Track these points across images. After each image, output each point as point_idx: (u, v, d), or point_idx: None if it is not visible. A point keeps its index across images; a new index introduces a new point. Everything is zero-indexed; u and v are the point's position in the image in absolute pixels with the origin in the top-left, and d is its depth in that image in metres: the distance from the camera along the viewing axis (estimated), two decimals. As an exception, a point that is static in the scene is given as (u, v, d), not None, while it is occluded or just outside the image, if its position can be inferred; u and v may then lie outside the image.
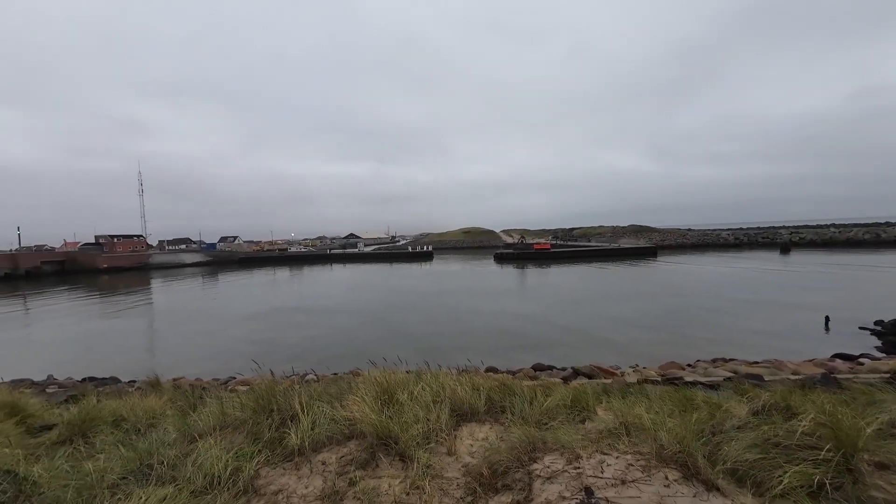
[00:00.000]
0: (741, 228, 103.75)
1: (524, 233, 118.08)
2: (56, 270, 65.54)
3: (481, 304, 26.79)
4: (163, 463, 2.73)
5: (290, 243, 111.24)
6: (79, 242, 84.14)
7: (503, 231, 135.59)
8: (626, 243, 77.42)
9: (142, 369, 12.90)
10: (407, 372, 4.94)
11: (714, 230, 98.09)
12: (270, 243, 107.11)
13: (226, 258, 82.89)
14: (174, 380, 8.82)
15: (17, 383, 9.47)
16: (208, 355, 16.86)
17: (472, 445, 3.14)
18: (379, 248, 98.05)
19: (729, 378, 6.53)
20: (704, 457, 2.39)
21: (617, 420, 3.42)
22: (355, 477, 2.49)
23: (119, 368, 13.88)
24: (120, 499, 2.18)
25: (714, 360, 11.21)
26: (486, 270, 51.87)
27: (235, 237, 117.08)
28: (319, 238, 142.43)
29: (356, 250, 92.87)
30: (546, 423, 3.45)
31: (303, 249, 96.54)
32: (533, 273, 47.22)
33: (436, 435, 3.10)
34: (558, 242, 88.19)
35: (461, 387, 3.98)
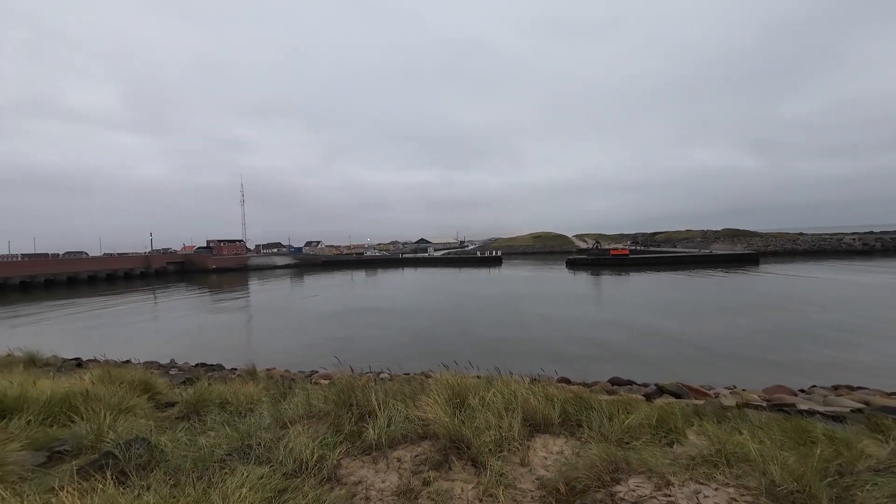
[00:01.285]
0: (871, 232, 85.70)
1: (599, 237, 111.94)
2: (177, 270, 76.91)
3: (552, 310, 25.86)
4: (260, 444, 3.03)
5: (367, 247, 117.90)
6: (194, 246, 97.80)
7: (576, 236, 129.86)
8: (719, 249, 69.58)
9: (241, 358, 14.55)
10: (477, 377, 4.94)
11: (834, 234, 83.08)
12: (349, 247, 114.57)
13: (310, 261, 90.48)
14: (267, 370, 9.81)
15: (149, 365, 11.22)
16: (294, 349, 18.44)
17: (545, 458, 3.03)
18: (448, 253, 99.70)
19: (858, 410, 5.50)
20: (831, 501, 2.03)
21: (712, 446, 3.07)
22: (429, 477, 2.54)
23: (223, 356, 15.77)
24: (227, 473, 2.46)
25: (836, 388, 9.53)
26: (558, 276, 50.02)
27: (318, 241, 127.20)
28: (392, 242, 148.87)
29: (426, 255, 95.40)
30: (628, 443, 3.21)
31: (377, 253, 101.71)
32: (609, 280, 44.46)
33: (508, 443, 3.04)
34: (638, 248, 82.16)
35: (534, 396, 3.87)
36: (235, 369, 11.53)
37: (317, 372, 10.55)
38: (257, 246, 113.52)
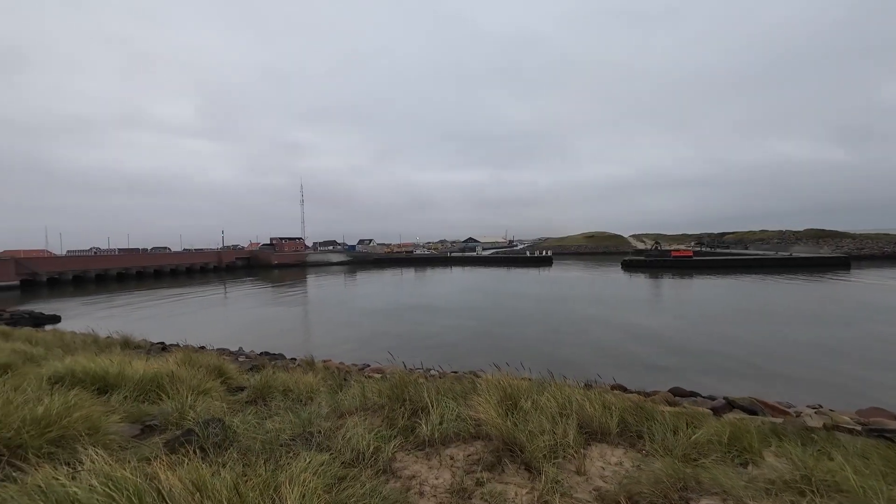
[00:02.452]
0: None
1: (658, 238, 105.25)
2: (244, 265, 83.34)
3: (607, 314, 24.74)
4: (320, 432, 3.20)
5: (416, 246, 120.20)
6: (259, 243, 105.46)
7: (633, 236, 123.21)
8: (800, 251, 62.63)
9: (299, 349, 15.46)
10: (528, 379, 4.84)
11: (950, 236, 71.36)
12: (399, 246, 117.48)
13: (363, 258, 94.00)
14: (324, 361, 10.33)
15: (221, 351, 12.26)
16: (346, 343, 19.24)
17: (603, 469, 2.90)
18: (497, 252, 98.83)
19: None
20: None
21: (796, 471, 2.76)
22: (482, 478, 2.53)
23: (283, 346, 16.84)
24: (291, 457, 2.61)
25: (952, 415, 8.18)
26: (613, 278, 47.72)
27: (370, 240, 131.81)
28: (441, 241, 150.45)
29: (474, 254, 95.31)
30: (695, 459, 2.98)
31: (426, 252, 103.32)
32: (670, 284, 41.66)
33: (563, 450, 2.95)
34: (703, 249, 76.25)
35: (590, 403, 3.72)
36: (295, 359, 12.27)
37: (369, 366, 10.93)
38: (314, 243, 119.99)
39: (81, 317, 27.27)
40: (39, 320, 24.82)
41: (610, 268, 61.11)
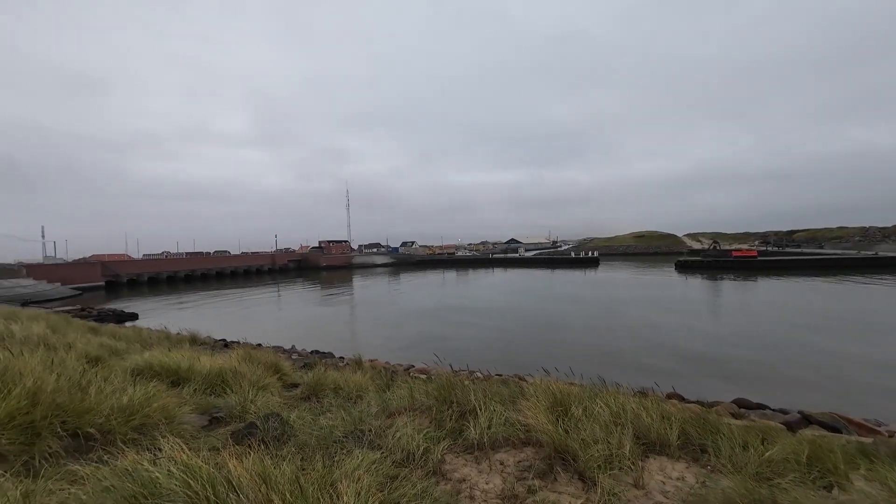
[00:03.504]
0: None
1: (716, 236, 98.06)
2: (296, 266, 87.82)
3: (660, 318, 23.41)
4: (370, 431, 3.27)
5: (458, 248, 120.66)
6: (308, 246, 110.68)
7: (687, 235, 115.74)
8: (886, 251, 55.76)
9: (346, 348, 16.02)
10: (577, 384, 4.67)
11: None
12: (440, 247, 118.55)
13: (405, 260, 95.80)
14: (371, 361, 10.61)
15: (276, 349, 12.97)
16: (390, 342, 19.64)
17: (664, 483, 2.73)
18: (540, 254, 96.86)
19: None
20: None
21: (893, 498, 2.45)
22: (534, 485, 2.47)
23: (331, 345, 17.51)
24: (345, 454, 2.70)
25: None
26: (666, 280, 45.10)
27: (413, 242, 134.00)
28: (482, 243, 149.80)
29: (517, 255, 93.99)
30: (769, 479, 2.73)
31: (468, 254, 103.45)
32: (730, 287, 38.69)
33: (619, 461, 2.81)
34: (770, 249, 70.10)
35: (646, 412, 3.52)
36: (343, 358, 12.72)
37: (413, 366, 11.08)
38: (360, 246, 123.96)
39: (155, 315, 30.02)
40: (121, 317, 27.59)
41: (662, 269, 57.84)
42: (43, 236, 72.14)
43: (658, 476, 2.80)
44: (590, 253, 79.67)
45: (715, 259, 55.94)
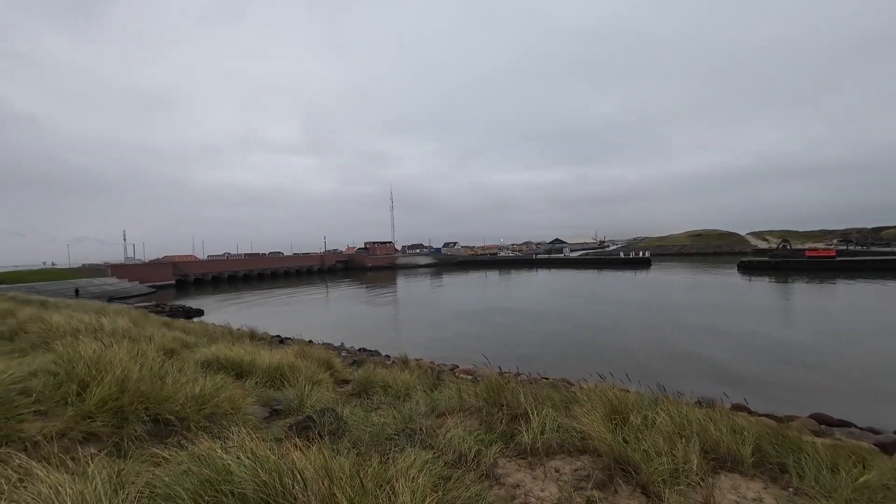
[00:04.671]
0: None
1: (786, 235, 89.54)
2: (343, 267, 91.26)
3: (722, 323, 21.76)
4: (421, 430, 3.29)
5: (500, 248, 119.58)
6: (355, 247, 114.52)
7: (752, 234, 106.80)
8: None
9: (390, 346, 16.36)
10: (630, 391, 4.43)
11: None
12: (483, 248, 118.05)
13: (448, 260, 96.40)
14: (416, 360, 10.76)
15: (326, 346, 13.51)
16: (433, 342, 19.81)
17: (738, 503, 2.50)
18: (586, 254, 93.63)
19: None
20: None
21: None
22: (593, 496, 2.36)
23: (377, 343, 17.98)
24: (397, 452, 2.73)
25: None
26: (727, 282, 41.87)
27: (455, 243, 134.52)
28: (525, 243, 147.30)
29: (561, 255, 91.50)
30: (867, 509, 2.42)
31: (510, 254, 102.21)
32: (804, 290, 35.20)
33: (685, 476, 2.61)
34: (850, 248, 62.96)
35: (714, 425, 3.26)
36: (389, 356, 13.01)
37: (458, 367, 11.10)
38: (403, 247, 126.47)
39: (218, 311, 32.41)
40: (189, 313, 30.07)
41: (723, 270, 53.78)
42: (124, 240, 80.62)
43: (731, 495, 2.58)
44: (640, 253, 75.75)
45: (784, 259, 51.16)
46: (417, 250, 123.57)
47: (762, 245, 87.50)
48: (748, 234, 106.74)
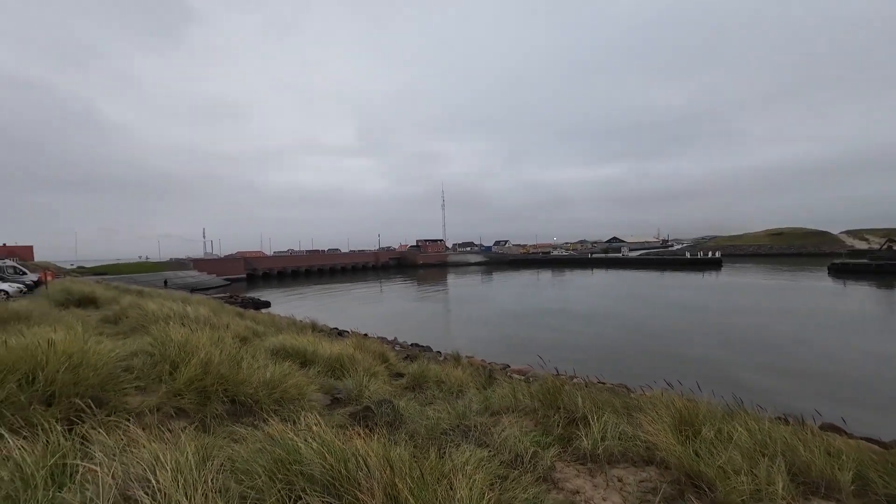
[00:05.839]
0: None
1: (891, 234, 77.68)
2: (395, 264, 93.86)
3: (808, 333, 19.45)
4: (476, 427, 3.29)
5: (553, 247, 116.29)
6: (407, 245, 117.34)
7: (846, 232, 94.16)
8: None
9: (441, 343, 16.53)
10: (706, 402, 4.09)
11: None
12: (535, 246, 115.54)
13: (499, 259, 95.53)
14: (468, 357, 10.78)
15: (381, 340, 13.98)
16: (483, 341, 19.70)
17: (835, 537, 2.22)
18: (647, 254, 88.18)
19: None
20: None
21: None
22: (661, 511, 2.21)
23: (428, 339, 18.24)
24: (453, 447, 2.75)
25: None
26: (816, 287, 37.29)
27: (506, 241, 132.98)
28: (580, 242, 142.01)
29: (619, 255, 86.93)
30: None
31: (564, 253, 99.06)
32: (915, 297, 30.39)
33: (769, 499, 2.36)
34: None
35: (803, 444, 2.91)
36: (441, 353, 13.16)
37: (510, 366, 10.96)
38: (454, 245, 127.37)
39: (283, 303, 34.79)
40: (258, 304, 32.57)
41: (810, 273, 48.01)
42: (203, 236, 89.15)
43: (826, 526, 2.29)
44: (709, 253, 69.78)
45: (890, 262, 44.47)
46: (468, 248, 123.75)
47: (860, 245, 76.87)
48: (842, 232, 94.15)
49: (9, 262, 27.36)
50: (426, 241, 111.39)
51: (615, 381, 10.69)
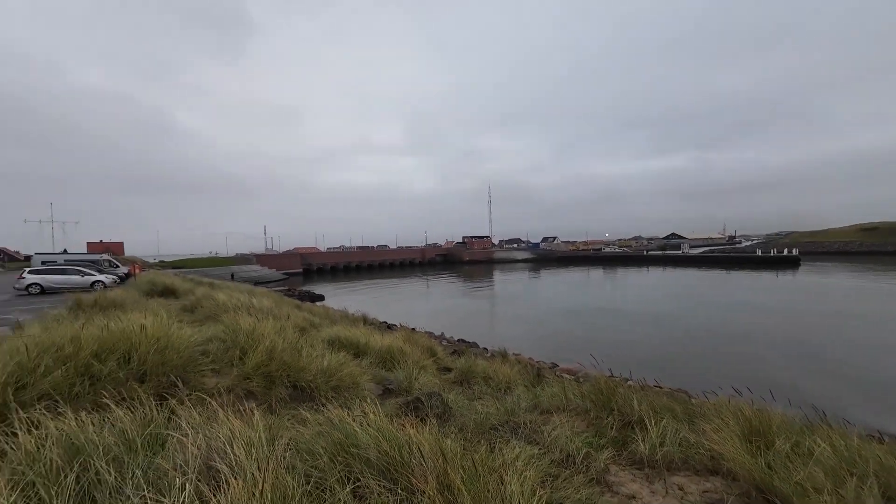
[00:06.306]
0: None
1: None
2: (441, 260, 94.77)
3: (906, 341, 17.06)
4: (525, 424, 3.27)
5: (605, 244, 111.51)
6: (453, 241, 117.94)
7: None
8: None
9: (487, 339, 16.47)
10: (780, 412, 3.75)
11: None
12: (585, 243, 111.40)
13: (546, 256, 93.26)
14: (515, 355, 10.68)
15: (429, 334, 14.23)
16: (530, 339, 19.33)
17: (941, 570, 1.95)
18: (711, 251, 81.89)
19: None
20: None
21: None
22: (728, 525, 2.07)
23: (474, 335, 18.23)
24: (503, 443, 2.75)
25: None
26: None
27: (554, 237, 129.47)
28: (634, 238, 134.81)
29: (679, 252, 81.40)
30: None
31: (616, 250, 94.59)
32: None
33: (858, 523, 2.13)
34: None
35: (900, 464, 2.59)
36: (487, 349, 13.14)
37: (558, 365, 10.70)
38: (500, 241, 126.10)
39: (336, 297, 36.44)
40: (313, 298, 34.40)
41: (910, 274, 41.96)
42: (265, 233, 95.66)
43: (929, 558, 2.03)
44: (785, 251, 63.24)
45: None
46: (515, 245, 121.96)
47: (978, 242, 65.90)
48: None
49: (105, 257, 31.22)
50: (472, 237, 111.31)
51: (673, 385, 10.07)
